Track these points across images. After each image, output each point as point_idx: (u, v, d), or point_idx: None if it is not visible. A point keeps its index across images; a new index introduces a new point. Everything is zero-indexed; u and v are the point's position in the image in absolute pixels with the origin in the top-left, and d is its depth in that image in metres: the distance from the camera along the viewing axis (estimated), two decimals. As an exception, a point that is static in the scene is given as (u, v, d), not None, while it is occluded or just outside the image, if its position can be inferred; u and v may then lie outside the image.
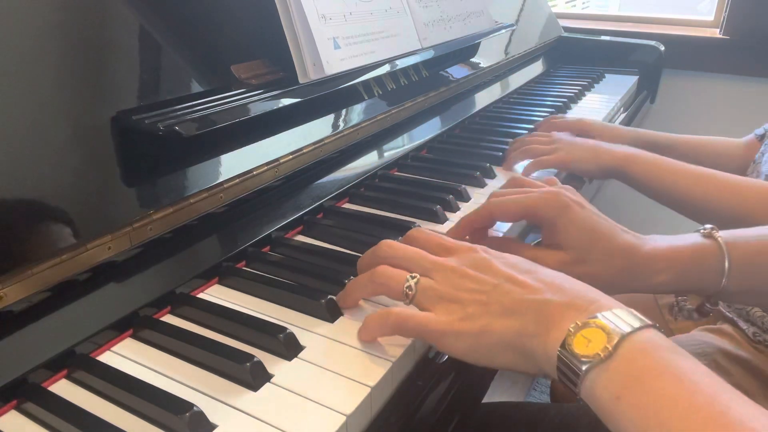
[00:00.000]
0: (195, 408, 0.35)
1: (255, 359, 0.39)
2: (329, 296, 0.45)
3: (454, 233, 0.53)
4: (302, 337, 0.42)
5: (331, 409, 0.36)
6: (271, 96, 0.57)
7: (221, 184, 0.52)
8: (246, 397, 0.37)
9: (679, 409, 0.30)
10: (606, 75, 1.28)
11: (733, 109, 1.46)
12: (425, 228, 0.52)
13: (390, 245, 0.45)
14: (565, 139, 0.76)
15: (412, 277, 0.41)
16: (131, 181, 0.47)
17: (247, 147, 0.56)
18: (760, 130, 0.84)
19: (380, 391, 0.39)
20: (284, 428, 0.35)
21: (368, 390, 0.37)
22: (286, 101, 0.59)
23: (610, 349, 0.33)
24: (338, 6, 0.67)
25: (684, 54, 1.44)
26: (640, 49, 1.32)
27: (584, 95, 1.14)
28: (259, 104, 0.56)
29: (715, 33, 1.45)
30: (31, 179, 0.41)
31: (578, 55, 1.37)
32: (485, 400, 0.58)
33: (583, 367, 0.33)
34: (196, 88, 0.55)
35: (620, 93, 1.14)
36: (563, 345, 0.34)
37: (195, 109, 0.51)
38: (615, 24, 1.62)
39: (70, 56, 0.46)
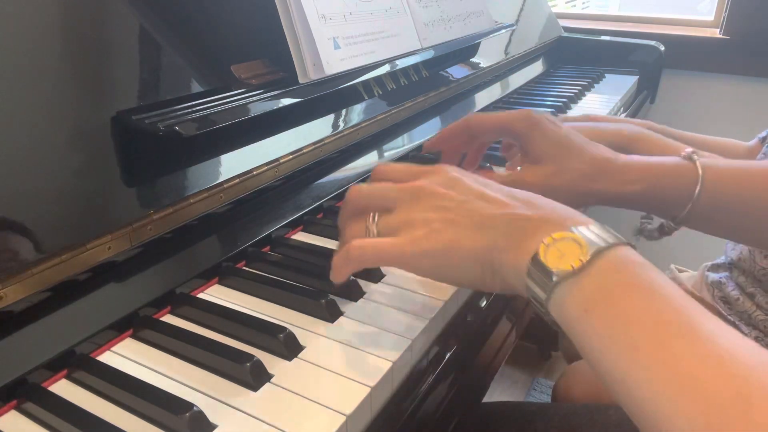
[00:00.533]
0: (195, 408, 0.35)
1: (255, 359, 0.39)
2: (329, 296, 0.45)
3: (430, 145, 0.55)
4: (302, 337, 0.42)
5: (331, 409, 0.36)
6: (271, 96, 0.57)
7: (221, 184, 0.52)
8: (246, 397, 0.37)
9: (648, 322, 0.29)
10: (606, 75, 1.28)
11: (733, 109, 1.46)
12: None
13: (356, 190, 0.43)
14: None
15: (372, 221, 0.40)
16: (131, 181, 0.47)
17: (247, 147, 0.56)
18: (763, 133, 0.84)
19: (380, 391, 0.39)
20: (284, 428, 0.35)
21: (368, 390, 0.37)
22: (286, 101, 0.59)
23: (584, 262, 0.32)
24: (338, 6, 0.67)
25: (684, 54, 1.44)
26: (640, 49, 1.32)
27: (584, 95, 1.14)
28: (259, 104, 0.56)
29: (715, 33, 1.45)
30: (31, 179, 0.41)
31: (578, 55, 1.37)
32: (485, 399, 0.58)
33: (554, 279, 0.32)
34: (196, 88, 0.55)
35: (620, 93, 1.14)
36: (534, 258, 0.33)
37: (195, 109, 0.51)
38: (615, 24, 1.62)
39: (70, 56, 0.46)
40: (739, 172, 0.49)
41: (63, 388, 0.39)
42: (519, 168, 0.52)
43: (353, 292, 0.47)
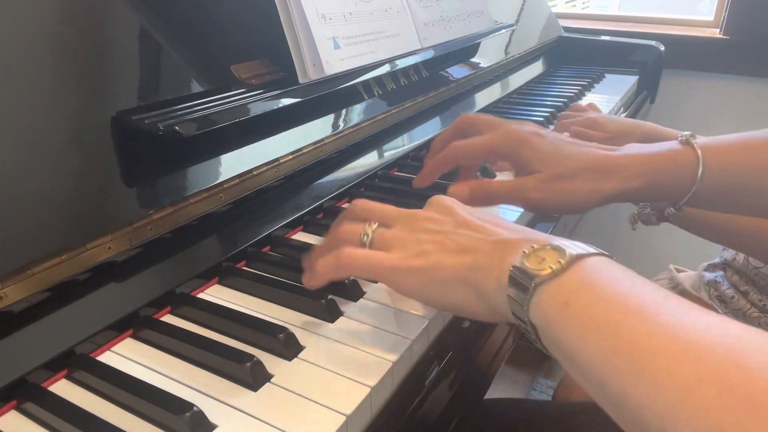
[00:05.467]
0: (195, 408, 0.35)
1: (255, 359, 0.39)
2: (329, 296, 0.45)
3: (420, 181, 0.56)
4: (302, 337, 0.42)
5: (331, 409, 0.36)
6: (271, 96, 0.57)
7: (221, 184, 0.52)
8: (246, 397, 0.37)
9: (631, 307, 0.29)
10: (606, 75, 1.28)
11: (733, 109, 1.46)
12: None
13: (362, 201, 0.45)
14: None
15: (370, 226, 0.42)
16: (131, 181, 0.47)
17: (247, 147, 0.56)
18: None
19: (380, 391, 0.39)
20: (284, 428, 0.35)
21: (368, 390, 0.37)
22: (286, 101, 0.59)
23: (563, 263, 0.32)
24: (338, 6, 0.67)
25: (684, 54, 1.44)
26: (640, 49, 1.32)
27: (584, 95, 1.14)
28: (259, 104, 0.56)
29: (715, 33, 1.45)
30: (31, 179, 0.41)
31: (578, 55, 1.37)
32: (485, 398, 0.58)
33: (535, 280, 0.32)
34: (196, 88, 0.55)
35: (620, 93, 1.14)
36: (514, 266, 0.34)
37: (195, 109, 0.51)
38: (615, 24, 1.62)
39: (70, 56, 0.46)
40: (740, 147, 0.48)
41: (63, 388, 0.39)
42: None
43: (353, 292, 0.47)
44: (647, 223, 0.62)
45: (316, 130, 0.64)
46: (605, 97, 1.13)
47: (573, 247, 0.34)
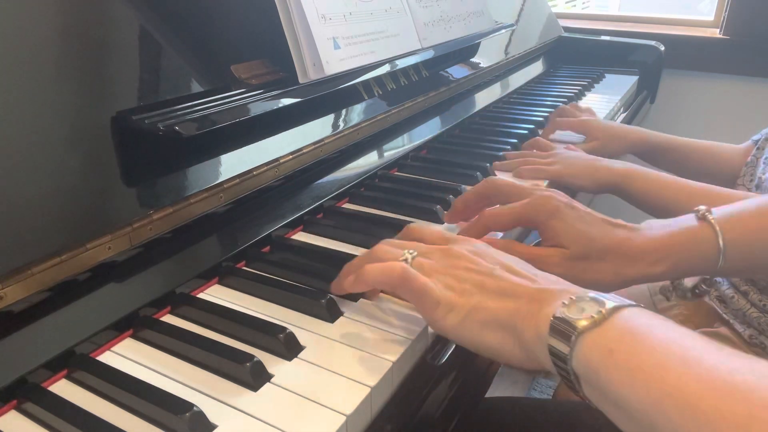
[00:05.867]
0: (195, 408, 0.35)
1: (255, 359, 0.39)
2: (329, 296, 0.45)
3: (450, 217, 0.56)
4: (302, 337, 0.42)
5: (331, 409, 0.36)
6: (271, 96, 0.57)
7: (221, 184, 0.52)
8: (246, 397, 0.37)
9: (675, 352, 0.30)
10: (606, 75, 1.28)
11: (733, 109, 1.46)
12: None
13: (386, 241, 0.45)
14: (563, 153, 0.77)
15: (410, 253, 0.42)
16: (131, 181, 0.47)
17: (247, 147, 0.56)
18: (757, 136, 0.85)
19: (380, 391, 0.39)
20: (284, 428, 0.35)
21: (368, 390, 0.37)
22: (286, 101, 0.59)
23: (604, 313, 0.33)
24: (338, 6, 0.67)
25: (684, 54, 1.44)
26: (640, 49, 1.32)
27: (584, 95, 1.14)
28: (259, 104, 0.56)
29: (715, 33, 1.45)
30: (31, 179, 0.41)
31: (578, 55, 1.37)
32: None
33: (578, 329, 0.33)
34: (196, 88, 0.55)
35: (620, 93, 1.14)
36: (556, 316, 0.35)
37: (195, 109, 0.51)
38: (615, 24, 1.62)
39: (70, 56, 0.46)
40: (755, 215, 0.48)
41: (63, 388, 0.39)
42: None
43: (353, 293, 0.47)
44: (683, 299, 0.63)
45: (316, 130, 0.64)
46: (605, 97, 1.13)
47: (610, 298, 0.35)
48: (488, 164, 0.74)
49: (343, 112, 0.70)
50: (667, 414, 0.28)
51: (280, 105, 0.58)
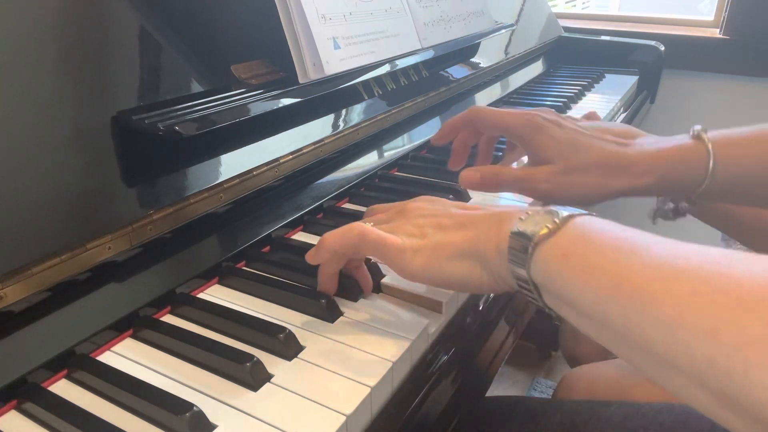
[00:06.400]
0: (195, 408, 0.35)
1: (255, 359, 0.39)
2: (329, 296, 0.45)
3: (437, 139, 0.59)
4: (302, 337, 0.42)
5: (331, 409, 0.36)
6: (271, 96, 0.57)
7: (221, 184, 0.52)
8: (246, 397, 0.37)
9: (623, 247, 0.31)
10: (606, 75, 1.28)
11: (733, 109, 1.46)
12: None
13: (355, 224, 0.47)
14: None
15: (367, 223, 0.44)
16: (131, 181, 0.47)
17: (247, 147, 0.56)
18: None
19: (380, 391, 0.39)
20: (284, 428, 0.35)
21: (368, 390, 0.37)
22: (286, 101, 0.59)
23: (558, 222, 0.35)
24: (338, 6, 0.67)
25: (684, 54, 1.44)
26: (640, 49, 1.32)
27: (584, 95, 1.14)
28: (259, 104, 0.56)
29: (715, 33, 1.45)
30: (31, 179, 0.41)
31: (578, 55, 1.37)
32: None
33: (534, 240, 0.35)
34: (196, 88, 0.55)
35: (620, 93, 1.14)
36: (513, 232, 0.36)
37: (195, 109, 0.51)
38: (615, 24, 1.62)
39: (70, 56, 0.46)
40: (752, 140, 0.48)
41: (63, 388, 0.39)
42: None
43: (353, 292, 0.47)
44: (666, 218, 0.63)
45: (316, 130, 0.64)
46: (605, 97, 1.13)
47: (564, 208, 0.36)
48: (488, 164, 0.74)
49: (343, 112, 0.70)
50: (617, 302, 0.29)
51: (280, 105, 0.58)
